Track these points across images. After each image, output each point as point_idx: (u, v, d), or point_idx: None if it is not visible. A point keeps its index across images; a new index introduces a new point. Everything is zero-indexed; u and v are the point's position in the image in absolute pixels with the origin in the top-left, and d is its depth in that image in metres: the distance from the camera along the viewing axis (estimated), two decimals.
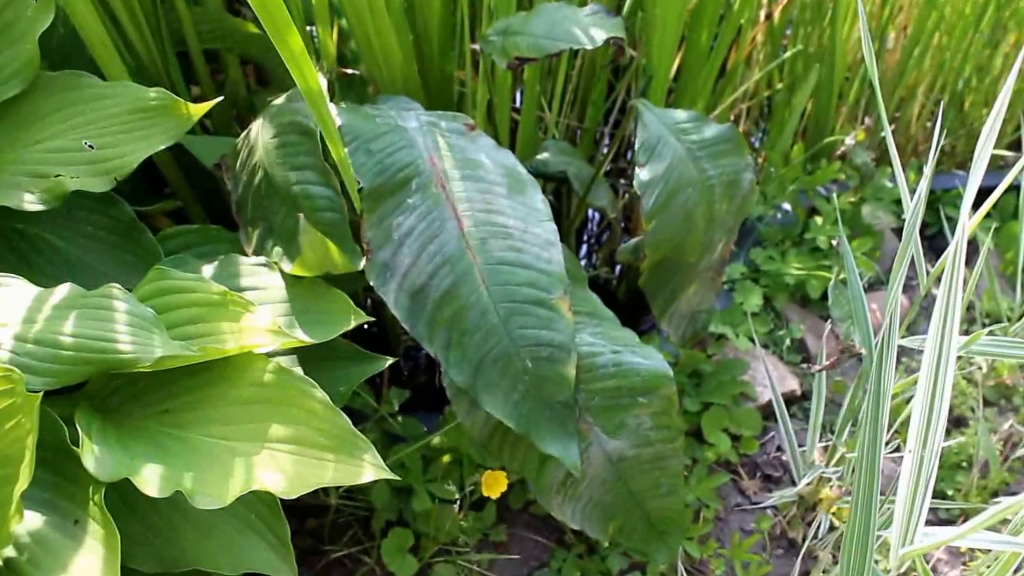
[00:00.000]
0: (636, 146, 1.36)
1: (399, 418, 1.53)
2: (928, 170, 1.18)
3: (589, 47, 1.31)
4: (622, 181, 2.06)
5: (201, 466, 0.98)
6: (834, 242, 1.95)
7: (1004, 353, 1.20)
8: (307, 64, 0.98)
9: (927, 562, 1.54)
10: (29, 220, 1.23)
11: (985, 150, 1.12)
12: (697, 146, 1.39)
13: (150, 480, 0.94)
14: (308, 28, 1.49)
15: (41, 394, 0.89)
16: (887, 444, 1.43)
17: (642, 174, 1.35)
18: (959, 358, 1.22)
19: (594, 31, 1.32)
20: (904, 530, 0.89)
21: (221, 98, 1.24)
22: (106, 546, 0.95)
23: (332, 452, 0.99)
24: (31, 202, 1.13)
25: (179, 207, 1.49)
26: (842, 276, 1.35)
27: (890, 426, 1.50)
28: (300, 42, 0.96)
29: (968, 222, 1.01)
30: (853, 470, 1.44)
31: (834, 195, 2.05)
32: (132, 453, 0.98)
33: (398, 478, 1.00)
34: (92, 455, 0.93)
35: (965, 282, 1.91)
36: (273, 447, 0.99)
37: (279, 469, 0.97)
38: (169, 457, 0.99)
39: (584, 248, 2.10)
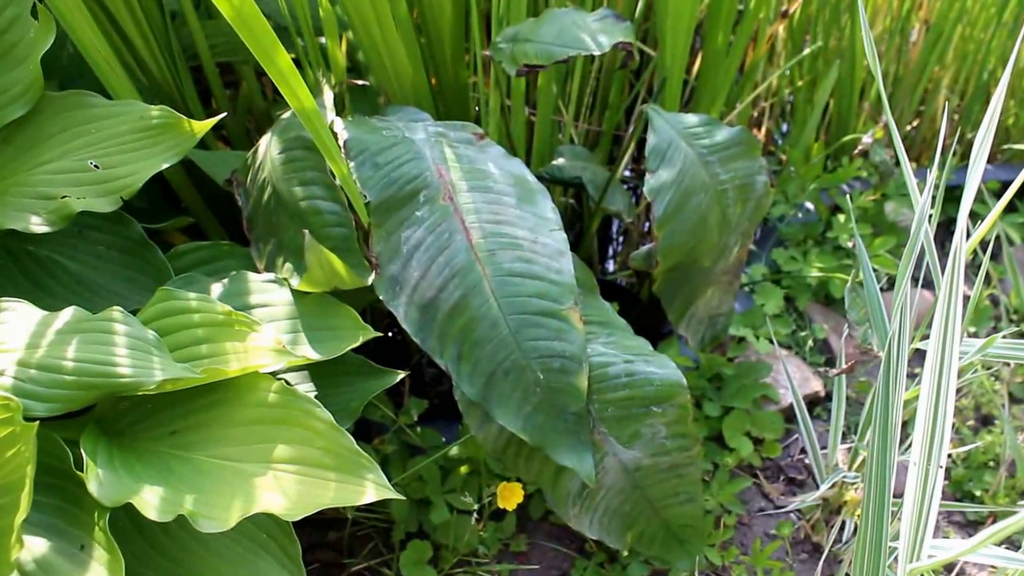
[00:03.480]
0: (646, 152, 1.35)
1: (418, 429, 1.52)
2: (936, 167, 1.15)
3: (597, 53, 1.29)
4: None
5: (207, 488, 0.98)
6: (850, 244, 1.93)
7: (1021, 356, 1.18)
8: (298, 83, 0.97)
9: (954, 565, 1.52)
10: (39, 241, 1.23)
11: (983, 147, 1.09)
12: (708, 150, 1.38)
13: (152, 504, 0.93)
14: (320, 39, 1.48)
15: (37, 424, 0.88)
16: (908, 448, 1.40)
17: (652, 180, 1.33)
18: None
19: (602, 37, 1.31)
20: (912, 545, 0.88)
21: (224, 115, 1.23)
22: (111, 572, 0.94)
23: (334, 471, 0.98)
24: (38, 224, 1.14)
25: (195, 223, 1.49)
26: (860, 278, 1.33)
27: (913, 428, 1.48)
28: (288, 61, 0.95)
29: (967, 228, 0.98)
30: None
31: (850, 194, 2.03)
32: (138, 476, 0.98)
33: (401, 497, 0.99)
34: (96, 479, 0.93)
35: (990, 279, 1.88)
36: (277, 468, 0.99)
37: (282, 491, 0.97)
38: (175, 479, 0.99)
39: (609, 249, 2.09)
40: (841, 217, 1.98)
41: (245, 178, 1.31)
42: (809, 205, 2.04)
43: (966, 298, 1.79)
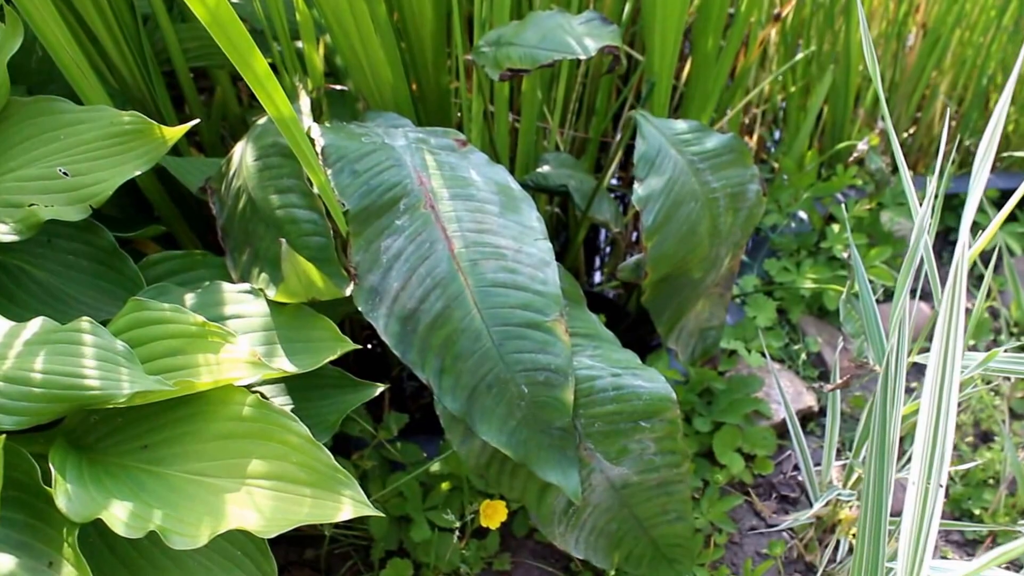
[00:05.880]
0: (635, 159, 1.35)
1: (398, 444, 1.53)
2: (936, 175, 1.16)
3: (583, 56, 1.30)
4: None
5: (178, 504, 0.98)
6: (844, 254, 1.94)
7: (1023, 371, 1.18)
8: (275, 87, 0.97)
9: None
10: (7, 250, 1.24)
11: (987, 155, 1.10)
12: (699, 158, 1.39)
13: (122, 520, 0.94)
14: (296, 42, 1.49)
15: (4, 437, 0.89)
16: (907, 464, 1.41)
17: (641, 189, 1.34)
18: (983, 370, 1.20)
19: (588, 40, 1.32)
20: (910, 565, 0.88)
21: (196, 121, 1.24)
22: None
23: (310, 487, 0.99)
24: (5, 233, 1.14)
25: (167, 232, 1.49)
26: (855, 289, 1.33)
27: (909, 444, 1.49)
28: (265, 65, 0.95)
29: (969, 237, 0.99)
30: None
31: (846, 203, 2.04)
32: (108, 492, 0.98)
33: (379, 513, 0.99)
34: (65, 495, 0.93)
35: (990, 291, 1.89)
36: (251, 483, 0.99)
37: (256, 507, 0.97)
38: (146, 495, 0.99)
39: (597, 260, 2.09)
40: (835, 227, 1.99)
41: (220, 186, 1.31)
42: (802, 214, 2.05)
43: (966, 311, 1.80)
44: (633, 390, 1.24)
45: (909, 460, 1.44)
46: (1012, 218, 2.13)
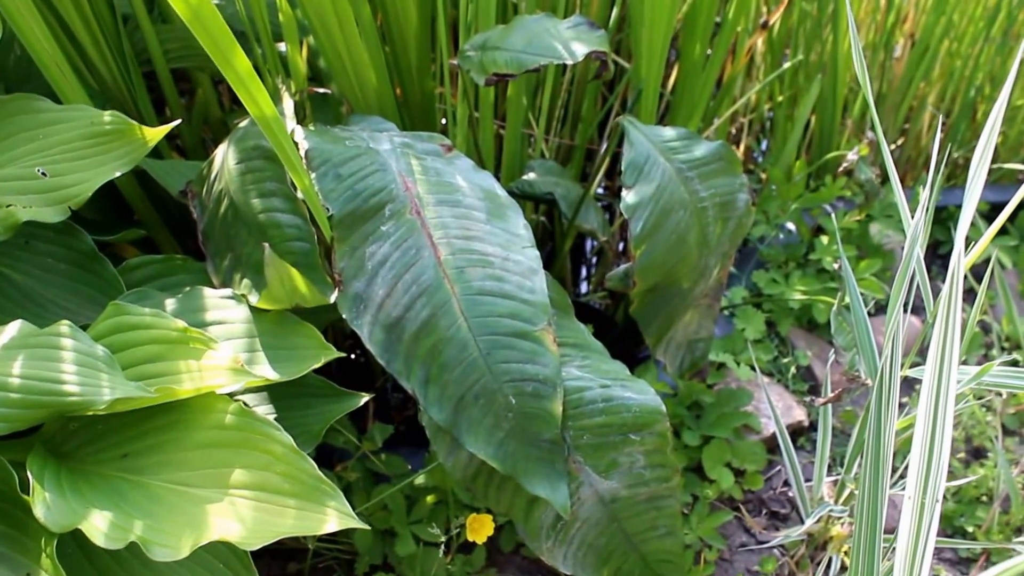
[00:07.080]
0: (623, 166, 1.35)
1: (383, 455, 1.52)
2: (927, 187, 1.16)
3: (570, 62, 1.30)
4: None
5: (159, 514, 0.97)
6: (835, 265, 1.94)
7: (1019, 385, 1.18)
8: (258, 88, 0.96)
9: None
10: None
11: (982, 165, 1.10)
12: (687, 166, 1.38)
13: (102, 530, 0.92)
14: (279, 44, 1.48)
15: None
16: (900, 480, 1.41)
17: (629, 197, 1.34)
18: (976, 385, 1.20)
19: (575, 45, 1.32)
20: None
21: (179, 121, 1.24)
22: None
23: (294, 498, 0.98)
24: None
25: (147, 236, 1.48)
26: (846, 301, 1.33)
27: (900, 460, 1.48)
28: (248, 64, 0.94)
29: (963, 250, 0.99)
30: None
31: (835, 214, 2.04)
32: (87, 501, 0.97)
33: (365, 526, 0.99)
34: (43, 504, 0.92)
35: (980, 304, 1.90)
36: (234, 493, 0.98)
37: (238, 518, 0.96)
38: (126, 505, 0.98)
39: (584, 270, 2.09)
40: (824, 238, 1.99)
41: (201, 189, 1.30)
42: (790, 226, 2.05)
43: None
44: (623, 402, 1.23)
45: (901, 477, 1.44)
46: (1002, 232, 2.13)
